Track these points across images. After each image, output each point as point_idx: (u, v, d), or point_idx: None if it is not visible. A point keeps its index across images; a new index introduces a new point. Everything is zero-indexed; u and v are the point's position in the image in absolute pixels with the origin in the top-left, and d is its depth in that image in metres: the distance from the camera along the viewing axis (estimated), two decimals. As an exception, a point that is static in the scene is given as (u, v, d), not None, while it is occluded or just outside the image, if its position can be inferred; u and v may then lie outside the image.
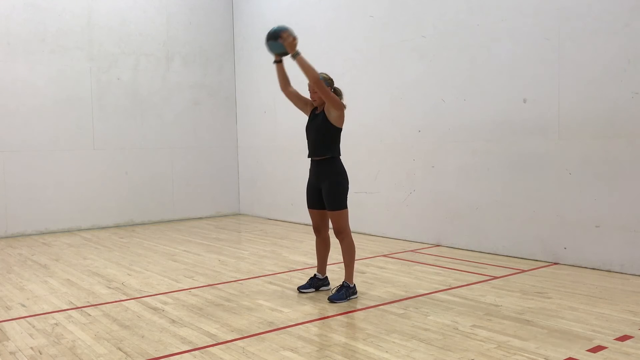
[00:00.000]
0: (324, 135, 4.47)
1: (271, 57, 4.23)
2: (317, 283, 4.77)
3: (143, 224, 9.22)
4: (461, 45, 6.38)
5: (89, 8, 8.69)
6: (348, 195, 4.55)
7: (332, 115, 4.43)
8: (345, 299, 4.43)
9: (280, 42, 4.41)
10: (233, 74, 10.19)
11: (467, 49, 6.33)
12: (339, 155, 4.54)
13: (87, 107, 8.69)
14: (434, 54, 6.69)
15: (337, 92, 4.62)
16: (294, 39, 4.40)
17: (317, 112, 4.60)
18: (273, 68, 4.41)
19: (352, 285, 4.52)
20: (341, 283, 4.57)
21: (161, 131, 9.40)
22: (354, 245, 4.56)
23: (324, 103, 4.53)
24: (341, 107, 4.44)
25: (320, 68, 8.83)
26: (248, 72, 9.87)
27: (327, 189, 4.46)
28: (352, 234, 4.62)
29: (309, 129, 4.58)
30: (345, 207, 4.49)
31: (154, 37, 9.30)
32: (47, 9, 8.33)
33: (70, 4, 8.52)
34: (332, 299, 4.42)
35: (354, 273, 4.66)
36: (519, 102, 5.85)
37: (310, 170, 4.63)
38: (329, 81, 4.57)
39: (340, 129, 4.52)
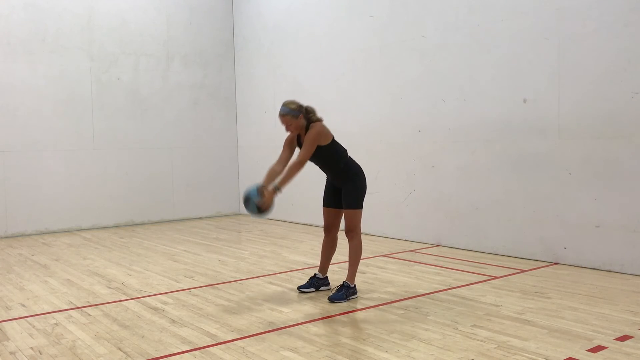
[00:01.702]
0: (323, 158, 4.46)
1: (271, 56, 4.25)
2: (317, 283, 4.77)
3: (143, 224, 9.22)
4: (461, 45, 6.38)
5: (89, 8, 8.69)
6: None
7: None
8: (345, 299, 4.43)
9: (258, 203, 4.23)
10: (233, 74, 10.19)
11: (467, 49, 6.33)
12: (348, 157, 4.56)
13: (87, 107, 8.69)
14: (434, 54, 6.69)
15: (309, 111, 4.45)
16: (271, 199, 4.27)
17: (302, 140, 4.48)
18: (273, 68, 4.44)
19: (352, 286, 4.52)
20: (341, 283, 4.57)
21: (161, 131, 9.40)
22: (361, 247, 4.57)
23: (303, 128, 4.42)
24: (318, 141, 4.34)
25: (320, 68, 8.83)
26: (248, 72, 9.87)
27: (348, 189, 4.50)
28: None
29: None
30: (361, 207, 4.54)
31: (154, 37, 9.30)
32: (47, 9, 8.34)
33: (70, 4, 8.52)
34: (332, 299, 4.42)
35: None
36: (519, 102, 5.85)
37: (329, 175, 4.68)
38: (297, 109, 4.39)
39: (332, 143, 4.45)
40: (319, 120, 4.46)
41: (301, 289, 4.75)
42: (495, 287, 4.78)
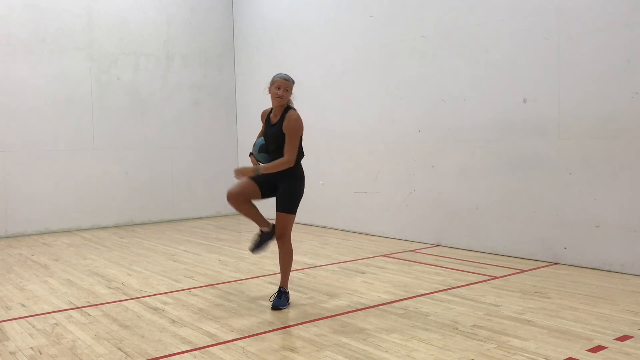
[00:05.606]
0: (282, 143, 4.32)
1: (271, 56, 4.27)
2: (267, 237, 4.62)
3: (143, 224, 9.21)
4: (461, 45, 6.38)
5: (89, 8, 8.69)
6: (342, 196, 4.53)
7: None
8: (287, 304, 4.35)
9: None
10: (233, 74, 10.19)
11: (467, 49, 6.33)
12: (301, 159, 4.42)
13: (87, 107, 8.69)
14: (434, 54, 6.69)
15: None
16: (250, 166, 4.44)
17: (273, 122, 4.44)
18: (272, 68, 4.47)
19: (287, 291, 4.41)
20: (278, 289, 4.40)
21: (161, 131, 9.40)
22: (292, 251, 4.46)
23: (284, 107, 4.38)
24: (301, 132, 4.32)
25: (320, 68, 8.83)
26: (248, 72, 9.87)
27: (286, 190, 4.35)
28: (352, 234, 4.61)
29: (268, 137, 4.45)
30: (295, 212, 4.41)
31: (154, 37, 9.30)
32: (47, 9, 8.33)
33: (70, 4, 8.52)
34: (277, 306, 4.28)
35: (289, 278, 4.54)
36: (519, 102, 5.85)
37: None
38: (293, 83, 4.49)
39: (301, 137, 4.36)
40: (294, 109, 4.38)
41: (255, 250, 4.62)
42: (495, 287, 4.79)
